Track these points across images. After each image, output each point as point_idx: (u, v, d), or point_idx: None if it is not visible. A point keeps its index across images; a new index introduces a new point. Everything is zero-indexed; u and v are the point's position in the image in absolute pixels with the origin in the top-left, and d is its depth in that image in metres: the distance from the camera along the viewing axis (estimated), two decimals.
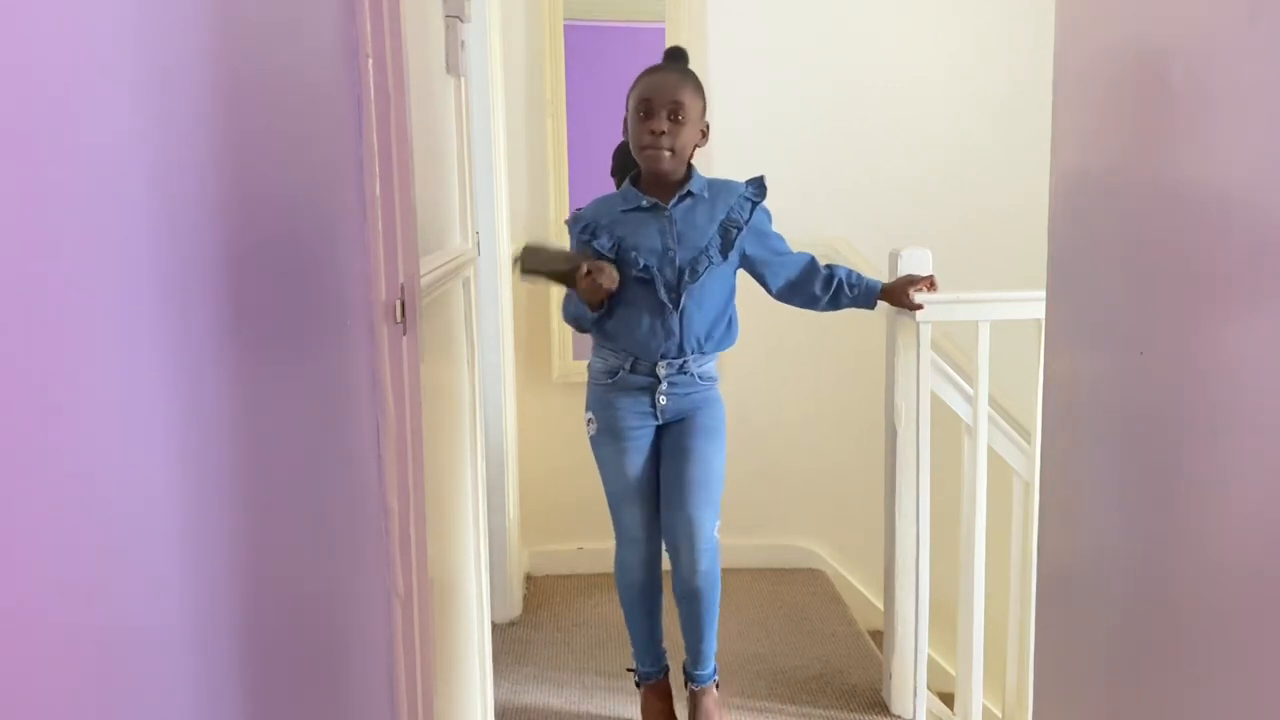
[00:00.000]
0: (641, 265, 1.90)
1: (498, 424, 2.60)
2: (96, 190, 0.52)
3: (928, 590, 2.21)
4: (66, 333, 0.48)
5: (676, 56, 2.00)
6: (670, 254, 1.91)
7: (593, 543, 3.10)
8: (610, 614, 2.80)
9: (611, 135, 2.03)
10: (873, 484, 2.40)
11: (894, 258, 2.22)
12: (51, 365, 0.47)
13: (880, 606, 2.49)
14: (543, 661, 2.54)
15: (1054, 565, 1.14)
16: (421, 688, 1.17)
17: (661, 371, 1.96)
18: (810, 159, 2.98)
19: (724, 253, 1.94)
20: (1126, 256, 0.96)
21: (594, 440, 2.05)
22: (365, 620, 1.04)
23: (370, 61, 1.04)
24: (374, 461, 1.07)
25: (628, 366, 1.98)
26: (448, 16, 1.63)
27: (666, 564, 2.07)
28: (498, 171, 2.60)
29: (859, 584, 3.13)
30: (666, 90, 1.89)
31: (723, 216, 1.95)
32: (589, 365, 2.07)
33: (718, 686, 2.14)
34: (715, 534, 1.99)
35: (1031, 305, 2.00)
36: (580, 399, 3.10)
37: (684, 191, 1.94)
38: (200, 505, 0.63)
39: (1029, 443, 2.21)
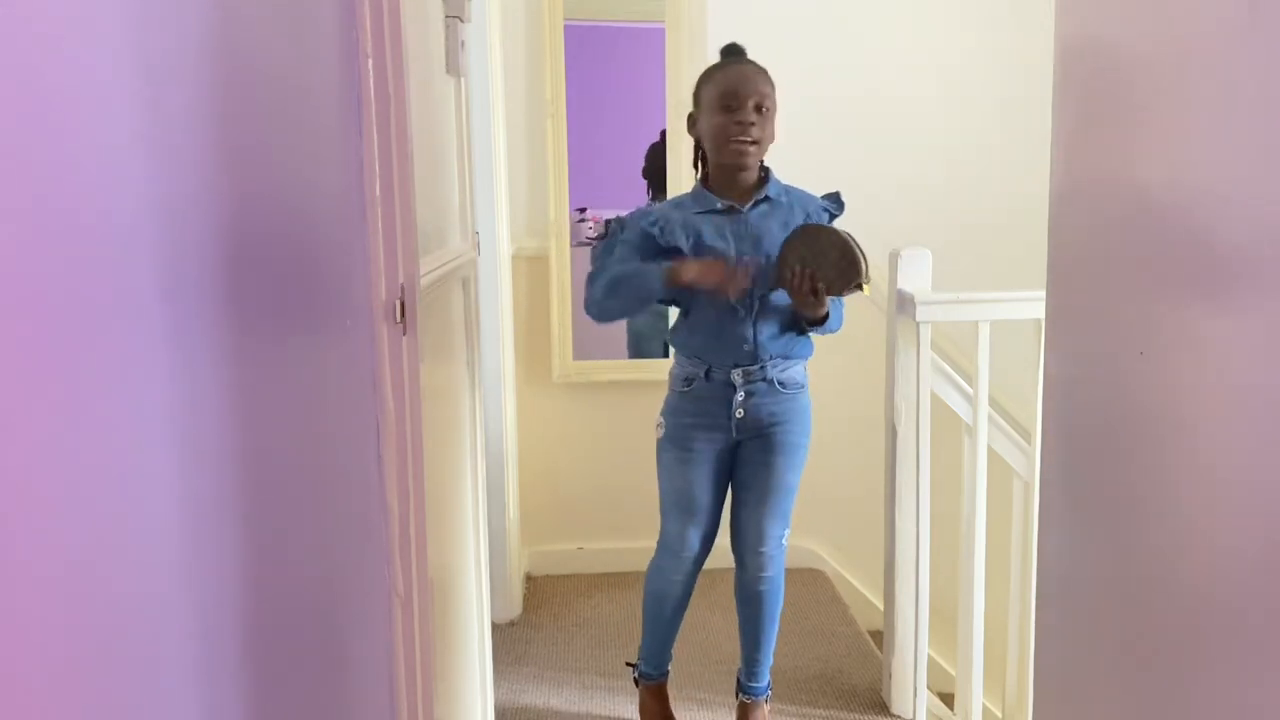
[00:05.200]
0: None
1: (498, 424, 2.60)
2: (96, 191, 0.52)
3: (928, 590, 2.21)
4: (65, 333, 0.48)
5: (735, 52, 1.95)
6: (744, 258, 1.84)
7: (593, 543, 3.10)
8: (610, 614, 2.80)
9: (611, 135, 2.02)
10: (873, 484, 2.40)
11: (894, 258, 2.22)
12: (50, 366, 0.47)
13: (880, 606, 2.49)
14: (543, 661, 2.54)
15: (1054, 565, 1.14)
16: (421, 688, 1.17)
17: (738, 380, 1.89)
18: (810, 159, 2.96)
19: None
20: (1126, 256, 0.96)
21: (659, 444, 1.98)
22: (365, 620, 1.04)
23: (370, 62, 1.04)
24: (374, 461, 1.07)
25: (703, 375, 1.91)
26: (448, 17, 1.63)
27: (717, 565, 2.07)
28: (498, 171, 2.60)
29: (859, 584, 3.13)
30: (752, 82, 1.85)
31: (790, 221, 1.88)
32: (670, 370, 2.00)
33: (768, 702, 2.12)
34: (784, 541, 1.98)
35: (1031, 305, 2.01)
36: (580, 399, 3.10)
37: (762, 195, 1.89)
38: (200, 505, 0.63)
39: (1029, 443, 2.21)
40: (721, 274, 1.77)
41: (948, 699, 2.43)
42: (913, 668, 2.26)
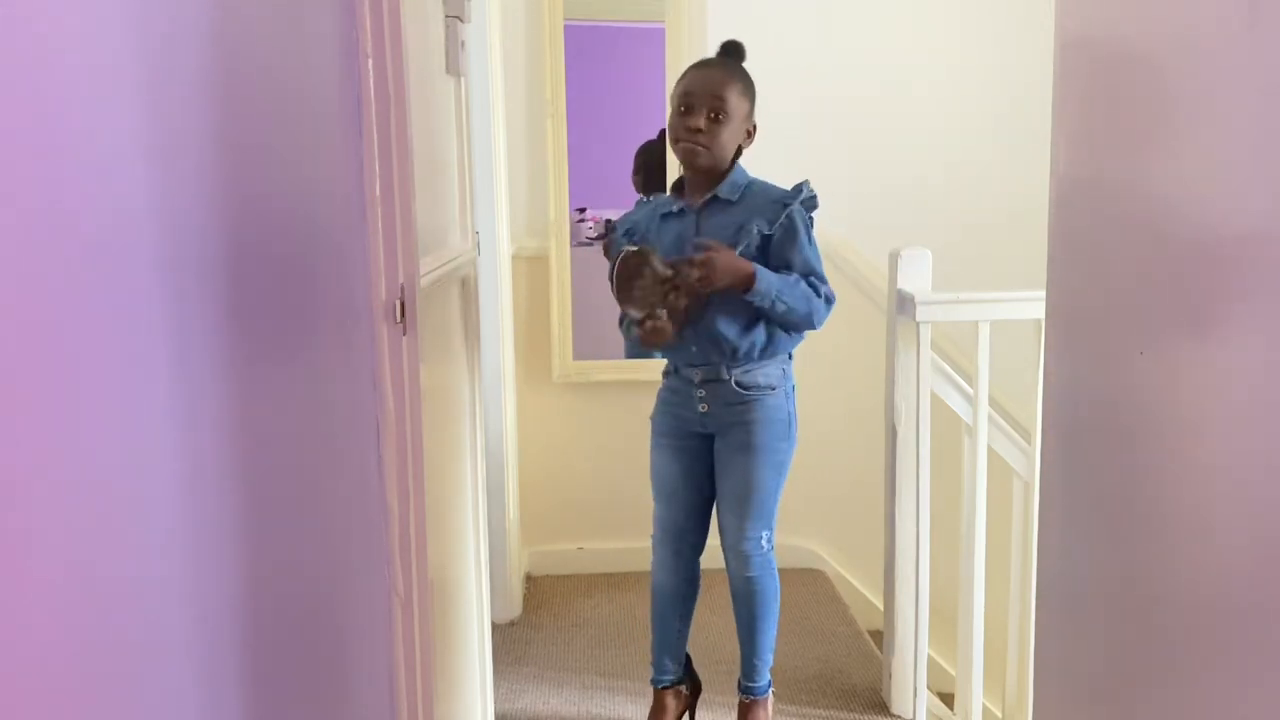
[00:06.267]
0: None
1: (498, 424, 2.60)
2: (96, 191, 0.52)
3: (928, 590, 2.21)
4: (66, 334, 0.48)
5: (729, 51, 1.95)
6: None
7: (593, 543, 3.10)
8: (610, 614, 2.80)
9: (611, 135, 2.03)
10: (873, 484, 2.39)
11: (894, 258, 2.22)
12: (51, 366, 0.47)
13: (880, 606, 2.49)
14: (543, 661, 2.54)
15: (1054, 565, 1.14)
16: (421, 688, 1.17)
17: (695, 378, 1.92)
18: (811, 160, 2.97)
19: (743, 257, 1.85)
20: (1126, 256, 0.96)
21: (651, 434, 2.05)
22: (365, 620, 1.04)
23: (370, 61, 1.04)
24: (374, 461, 1.07)
25: (674, 370, 1.98)
26: (448, 16, 1.63)
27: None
28: (498, 171, 2.60)
29: (859, 584, 3.13)
30: (709, 86, 1.85)
31: (744, 221, 1.86)
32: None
33: (770, 702, 2.11)
34: (762, 544, 1.96)
35: (1031, 305, 2.00)
36: (580, 399, 3.10)
37: (711, 195, 1.89)
38: (200, 506, 0.63)
39: (1029, 443, 2.21)
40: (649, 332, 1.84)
41: (948, 699, 2.43)
42: (913, 668, 2.25)
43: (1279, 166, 0.73)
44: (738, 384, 1.91)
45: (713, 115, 1.84)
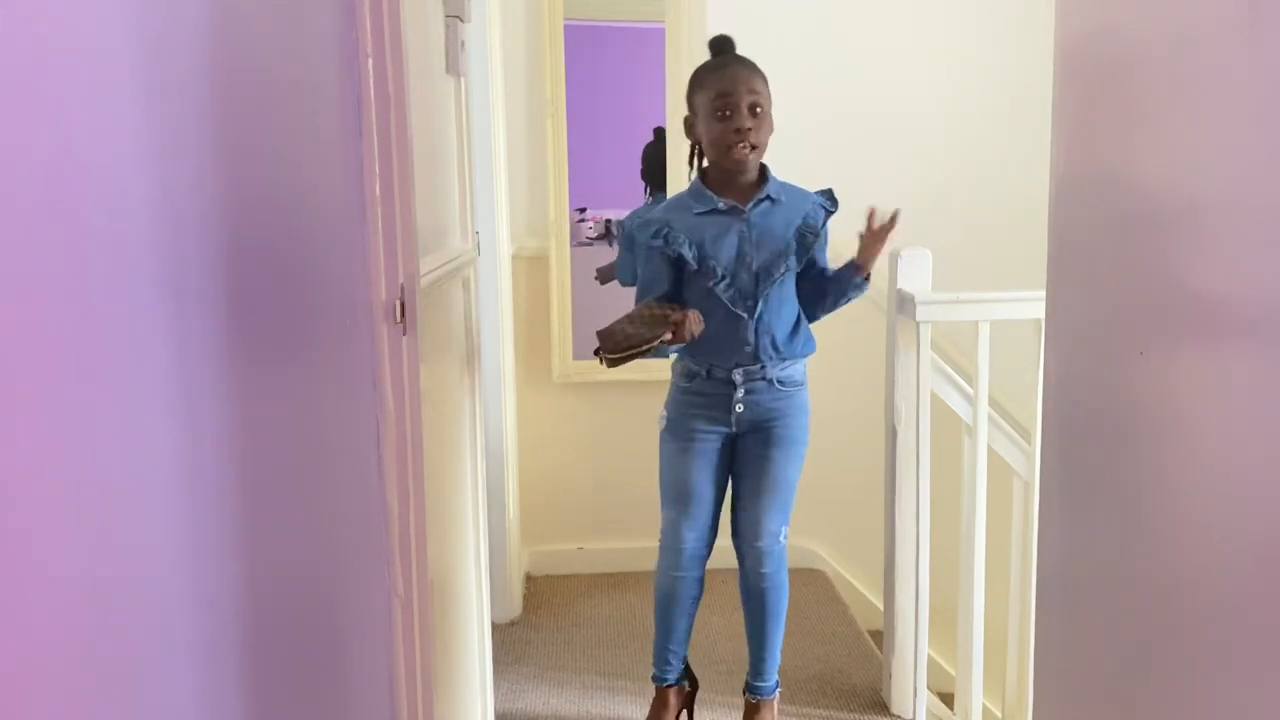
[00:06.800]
0: (720, 275, 1.87)
1: (498, 424, 2.60)
2: (96, 191, 0.52)
3: (928, 590, 2.21)
4: (66, 333, 0.48)
5: (727, 47, 1.95)
6: (747, 260, 1.88)
7: (593, 543, 3.10)
8: (610, 614, 2.80)
9: (611, 135, 2.02)
10: (873, 484, 2.39)
11: (894, 258, 2.22)
12: (50, 366, 0.47)
13: (880, 606, 2.49)
14: (543, 661, 2.54)
15: (1054, 565, 1.14)
16: (421, 688, 1.17)
17: (738, 378, 1.92)
18: (810, 159, 2.97)
19: (800, 259, 1.90)
20: (1126, 256, 0.96)
21: (661, 435, 2.01)
22: (365, 620, 1.04)
23: (370, 61, 1.04)
24: (374, 461, 1.07)
25: (704, 373, 1.95)
26: (448, 16, 1.63)
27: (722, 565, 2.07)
28: (498, 171, 2.60)
29: (859, 584, 3.13)
30: (744, 84, 1.85)
31: (799, 222, 1.91)
32: (672, 364, 2.03)
33: (777, 702, 2.11)
34: (780, 538, 1.98)
35: (1031, 305, 2.00)
36: (580, 399, 3.10)
37: (764, 195, 1.90)
38: (200, 506, 0.63)
39: (1029, 443, 2.21)
40: (678, 335, 1.83)
41: (948, 699, 2.43)
42: (913, 668, 2.26)
43: (1276, 164, 0.73)
44: (778, 381, 1.95)
45: (754, 111, 1.85)
